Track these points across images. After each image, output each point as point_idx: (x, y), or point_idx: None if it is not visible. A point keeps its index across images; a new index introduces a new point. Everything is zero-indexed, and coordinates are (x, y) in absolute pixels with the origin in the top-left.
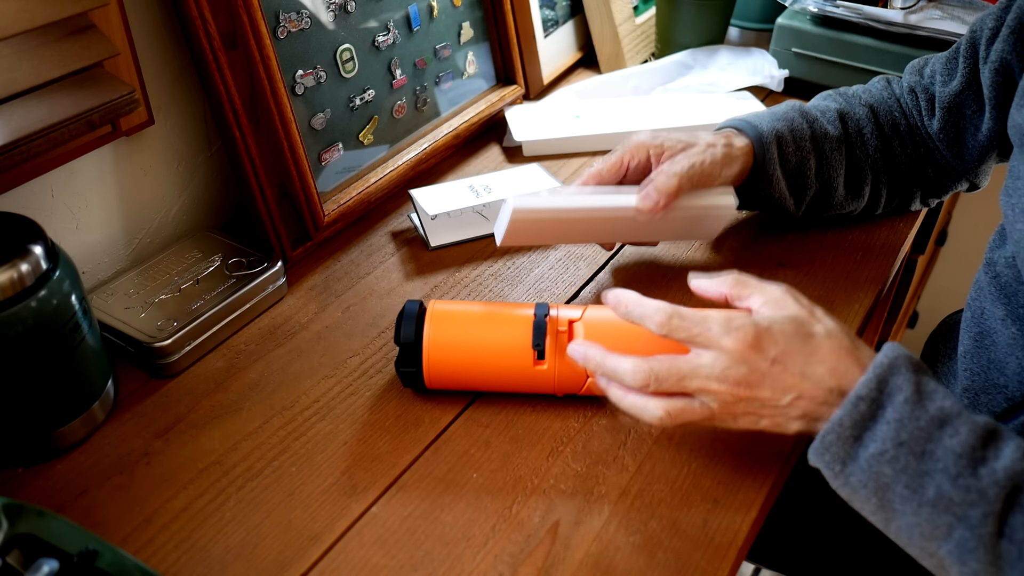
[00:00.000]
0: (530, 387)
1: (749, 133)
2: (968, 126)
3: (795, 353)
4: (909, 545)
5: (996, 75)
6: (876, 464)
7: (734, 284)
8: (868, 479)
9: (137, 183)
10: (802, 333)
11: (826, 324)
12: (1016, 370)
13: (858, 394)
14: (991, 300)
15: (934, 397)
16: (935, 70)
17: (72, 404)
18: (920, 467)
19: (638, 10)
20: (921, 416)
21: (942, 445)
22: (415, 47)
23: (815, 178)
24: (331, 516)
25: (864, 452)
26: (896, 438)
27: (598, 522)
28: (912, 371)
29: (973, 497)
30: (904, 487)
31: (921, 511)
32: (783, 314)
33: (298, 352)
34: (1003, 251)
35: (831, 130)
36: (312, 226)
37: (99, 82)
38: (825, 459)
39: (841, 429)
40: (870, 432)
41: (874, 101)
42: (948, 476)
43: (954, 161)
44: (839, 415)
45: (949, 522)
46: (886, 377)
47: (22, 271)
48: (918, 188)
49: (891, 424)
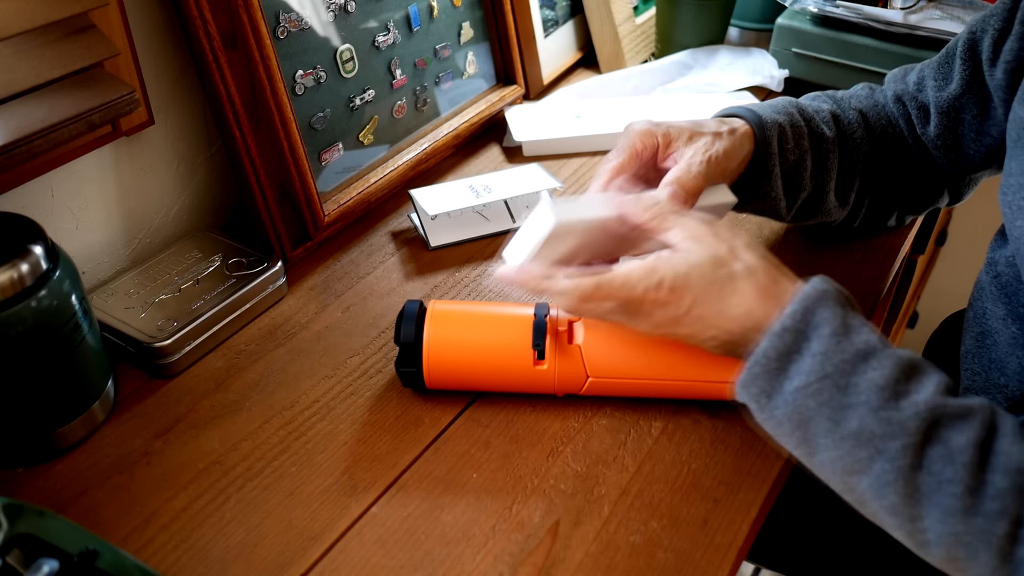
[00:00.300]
0: (530, 387)
1: (752, 122)
2: (967, 131)
3: (712, 298)
4: (831, 479)
5: (1010, 74)
6: (800, 397)
7: (654, 215)
8: (792, 412)
9: (137, 183)
10: (720, 275)
11: (745, 261)
12: (1017, 369)
13: (783, 325)
14: (992, 300)
15: (860, 331)
16: (924, 76)
17: (72, 404)
18: (843, 400)
19: (638, 10)
20: (846, 349)
21: (865, 378)
22: (415, 47)
23: (809, 180)
24: (331, 516)
25: (789, 385)
26: (820, 371)
27: (598, 522)
28: (838, 304)
29: (893, 429)
30: (827, 420)
31: (842, 444)
32: (701, 255)
33: (298, 352)
34: (1004, 251)
35: (827, 132)
36: (312, 226)
37: (99, 82)
38: (751, 392)
39: (767, 361)
40: (795, 365)
41: (864, 106)
42: (870, 408)
43: (948, 168)
44: (764, 346)
45: (869, 455)
46: (812, 308)
47: (22, 271)
48: (899, 199)
49: (816, 357)
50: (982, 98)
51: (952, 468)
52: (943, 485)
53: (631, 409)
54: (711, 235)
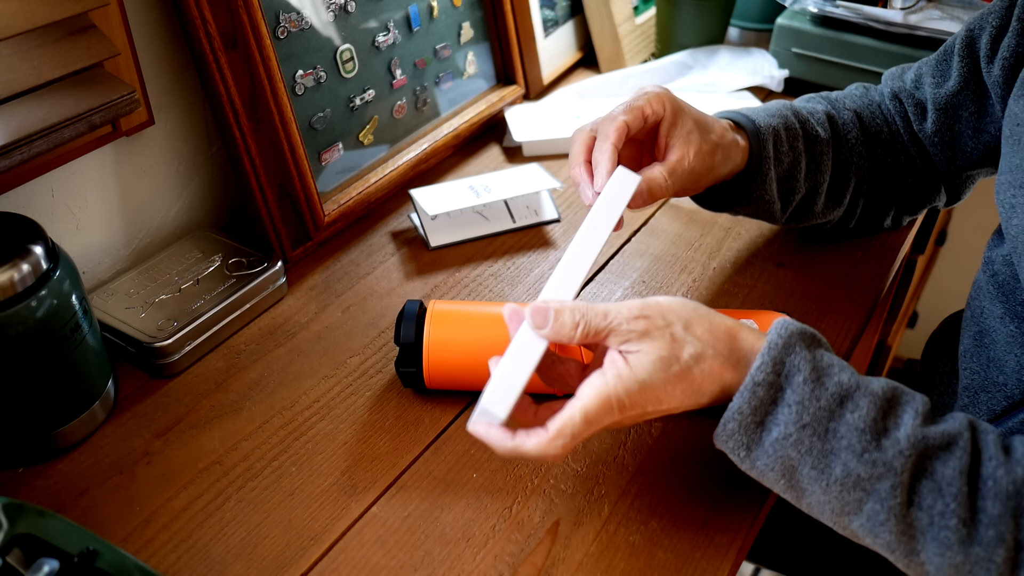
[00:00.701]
0: (530, 387)
1: (746, 127)
2: (964, 128)
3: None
4: (822, 519)
5: (1008, 71)
6: (781, 448)
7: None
8: (774, 463)
9: (137, 183)
10: (673, 374)
11: (692, 346)
12: (1015, 368)
13: (754, 380)
14: (990, 299)
15: (831, 372)
16: (922, 73)
17: (72, 404)
18: (825, 447)
19: (638, 10)
20: (821, 395)
21: (844, 422)
22: (415, 47)
23: (803, 182)
24: (331, 516)
25: (768, 437)
26: (799, 421)
27: (598, 522)
28: (806, 347)
29: (880, 471)
30: (811, 468)
31: (830, 490)
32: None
33: (298, 352)
34: (1000, 249)
35: (821, 133)
36: (312, 226)
37: (99, 82)
38: (729, 446)
39: (741, 417)
40: (772, 417)
41: (858, 106)
42: (853, 453)
43: (945, 166)
44: (738, 403)
45: (859, 497)
46: (782, 359)
47: (22, 271)
48: (895, 199)
49: (792, 407)
50: (979, 95)
51: (943, 501)
52: (936, 519)
53: None
54: (643, 332)
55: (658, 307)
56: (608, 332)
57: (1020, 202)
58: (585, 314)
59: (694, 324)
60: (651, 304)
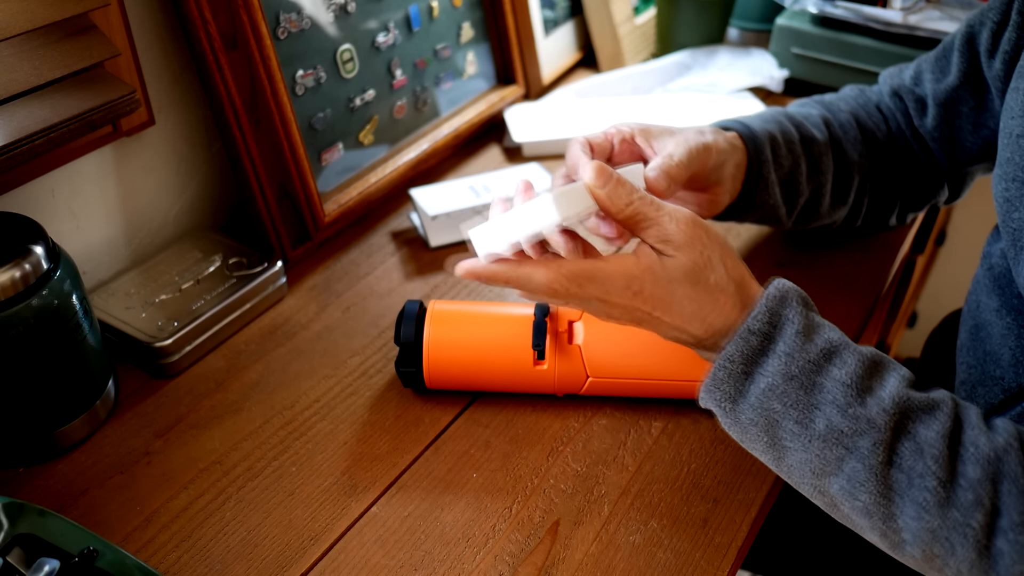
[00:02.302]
0: (530, 387)
1: (742, 133)
2: (964, 123)
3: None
4: (801, 484)
5: (1008, 65)
6: (766, 399)
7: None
8: (758, 416)
9: (138, 183)
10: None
11: (719, 273)
12: (1011, 361)
13: (749, 328)
14: (986, 292)
15: (821, 330)
16: (922, 70)
17: (73, 404)
18: (809, 400)
19: (638, 10)
20: (810, 349)
21: (830, 376)
22: (415, 47)
23: (806, 184)
24: (331, 516)
25: (755, 388)
26: (786, 372)
27: (598, 522)
28: (801, 304)
29: (862, 426)
30: (794, 422)
31: (811, 446)
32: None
33: (298, 352)
34: (998, 244)
35: (818, 135)
36: (312, 226)
37: (100, 82)
38: (715, 397)
39: (732, 365)
40: (760, 367)
41: (854, 106)
42: (837, 407)
43: (945, 161)
44: (730, 350)
45: (840, 455)
46: (778, 310)
47: (23, 271)
48: (899, 196)
49: (781, 357)
50: (979, 90)
51: (923, 462)
52: (916, 480)
53: (631, 409)
54: (687, 241)
55: (705, 227)
56: (653, 223)
57: (1015, 195)
58: (642, 196)
59: (728, 257)
60: (700, 221)
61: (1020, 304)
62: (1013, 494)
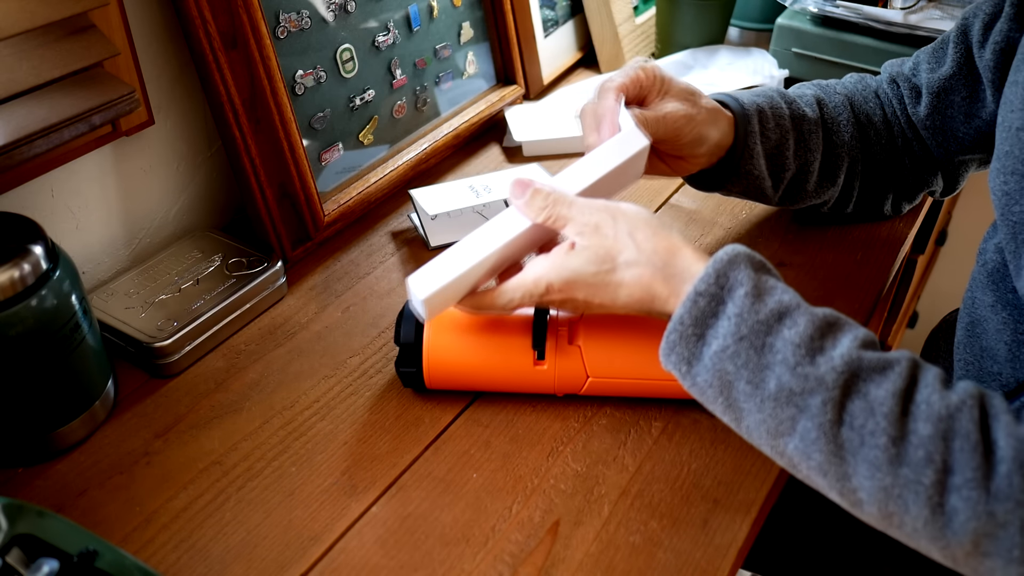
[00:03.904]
0: (530, 387)
1: (730, 104)
2: (956, 113)
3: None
4: (761, 445)
5: (1000, 56)
6: (719, 361)
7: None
8: (713, 378)
9: (137, 183)
10: (601, 274)
11: (629, 253)
12: (1007, 356)
13: (696, 290)
14: (981, 288)
15: (773, 292)
16: (920, 60)
17: (72, 404)
18: (760, 361)
19: (638, 10)
20: (760, 310)
21: (781, 337)
22: (415, 47)
23: (793, 159)
24: (331, 516)
25: (707, 350)
26: (737, 333)
27: (598, 522)
28: (751, 267)
29: (812, 385)
30: (746, 383)
31: (764, 406)
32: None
33: (298, 352)
34: (994, 239)
35: (808, 112)
36: (312, 226)
37: (99, 82)
38: (672, 360)
39: (683, 328)
40: (712, 329)
41: (850, 91)
42: (787, 367)
43: (937, 151)
44: (679, 313)
45: (792, 415)
46: (725, 272)
47: (22, 271)
48: (892, 184)
49: (731, 319)
50: (972, 80)
51: (874, 420)
52: (867, 438)
53: (631, 409)
54: (593, 229)
55: (617, 209)
56: (567, 221)
57: (1014, 189)
58: (557, 200)
59: (640, 232)
60: (612, 206)
61: (1015, 299)
62: (965, 451)
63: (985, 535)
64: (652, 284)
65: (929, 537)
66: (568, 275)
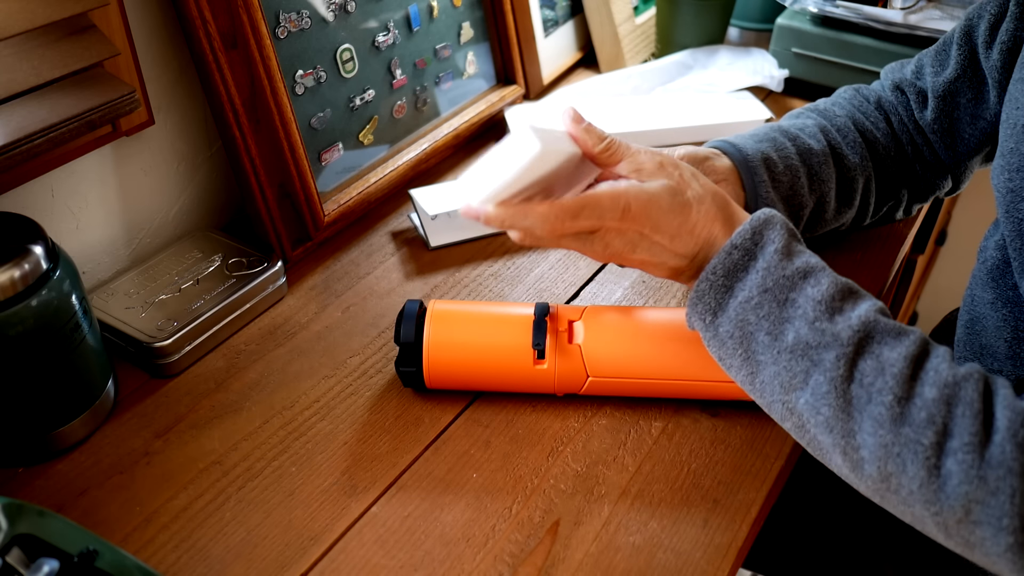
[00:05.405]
0: (530, 387)
1: (734, 157)
2: (963, 115)
3: (670, 224)
4: (774, 403)
5: (1007, 55)
6: (743, 312)
7: (606, 147)
8: (735, 328)
9: (137, 183)
10: (676, 203)
11: (695, 189)
12: (1007, 354)
13: (733, 243)
14: (981, 285)
15: (801, 254)
16: (923, 64)
17: (72, 404)
18: (782, 314)
19: (638, 10)
20: (787, 267)
21: (804, 294)
22: (415, 47)
23: (809, 195)
24: (331, 516)
25: (733, 300)
26: (762, 285)
27: (598, 522)
28: (785, 230)
29: (828, 340)
30: (766, 334)
31: (780, 358)
32: (657, 184)
33: (298, 352)
34: (995, 236)
35: (815, 145)
36: (312, 226)
37: (99, 82)
38: (698, 310)
39: (715, 277)
40: (740, 280)
41: (850, 109)
42: (806, 321)
43: (945, 154)
44: (714, 263)
45: (806, 367)
46: (761, 230)
47: (23, 271)
48: (905, 189)
49: (759, 272)
50: (977, 82)
51: (883, 379)
52: (874, 395)
53: (631, 409)
54: (657, 167)
55: (671, 157)
56: (625, 153)
57: (1019, 186)
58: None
59: (698, 176)
60: (665, 153)
61: (1016, 296)
62: (967, 417)
63: (976, 501)
64: (715, 223)
65: (923, 501)
66: (647, 198)
